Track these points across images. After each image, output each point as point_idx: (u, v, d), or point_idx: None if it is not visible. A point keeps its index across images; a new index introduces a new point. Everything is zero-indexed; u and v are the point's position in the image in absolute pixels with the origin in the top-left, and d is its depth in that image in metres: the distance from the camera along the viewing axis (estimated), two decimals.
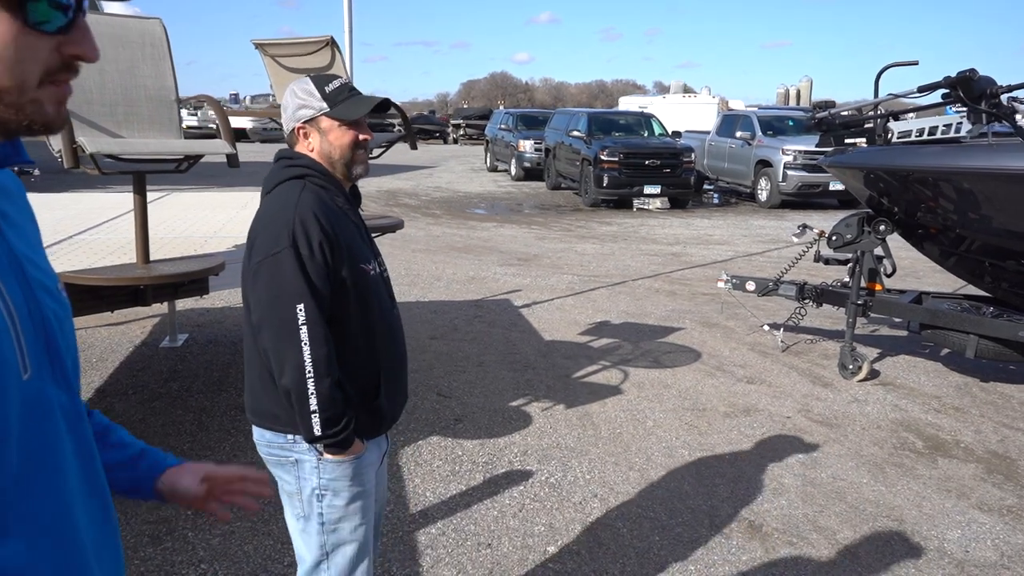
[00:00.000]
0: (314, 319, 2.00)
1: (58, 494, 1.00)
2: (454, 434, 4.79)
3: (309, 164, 2.15)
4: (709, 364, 6.28)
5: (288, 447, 2.14)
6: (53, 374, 1.01)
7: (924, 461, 4.59)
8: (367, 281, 2.15)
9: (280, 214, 2.04)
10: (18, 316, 0.97)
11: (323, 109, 2.13)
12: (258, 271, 2.04)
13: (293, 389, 2.00)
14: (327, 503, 2.15)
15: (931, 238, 6.08)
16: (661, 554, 3.55)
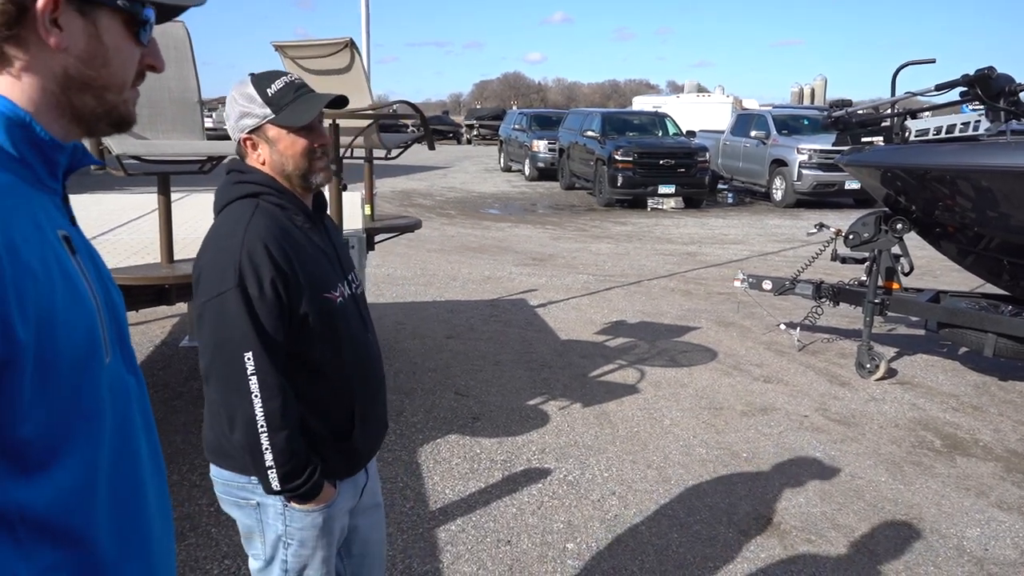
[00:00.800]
0: (264, 368, 1.79)
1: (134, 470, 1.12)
2: (472, 432, 4.83)
3: (262, 180, 1.92)
4: (726, 363, 6.29)
5: (250, 488, 1.95)
6: (124, 358, 1.12)
7: (942, 460, 4.58)
8: (332, 310, 1.93)
9: (227, 246, 1.82)
10: (102, 305, 1.06)
11: (267, 116, 1.88)
12: (202, 314, 1.83)
13: (245, 444, 1.82)
14: (292, 552, 1.98)
15: (949, 236, 6.06)
16: (680, 551, 3.56)
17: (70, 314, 0.99)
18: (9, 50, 0.98)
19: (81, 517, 1.04)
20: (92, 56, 1.03)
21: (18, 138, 1.00)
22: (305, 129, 1.91)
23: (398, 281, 9.08)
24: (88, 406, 1.04)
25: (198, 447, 4.46)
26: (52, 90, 1.02)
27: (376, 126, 4.90)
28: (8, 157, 0.99)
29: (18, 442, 0.94)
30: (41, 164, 1.04)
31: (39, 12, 0.97)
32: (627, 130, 18.30)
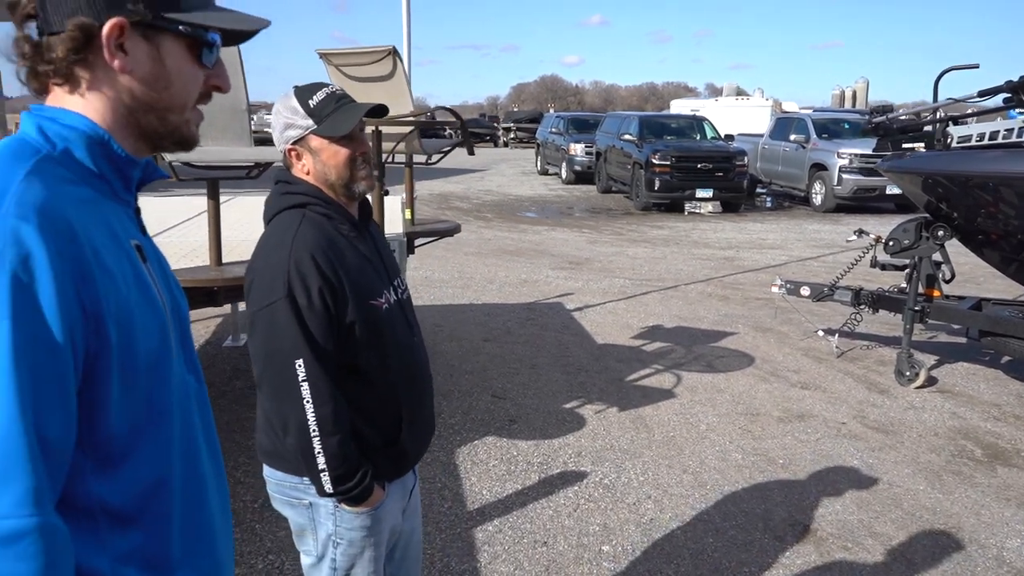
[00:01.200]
0: (315, 375, 1.85)
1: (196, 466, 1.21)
2: (509, 434, 4.88)
3: (308, 191, 1.97)
4: (763, 369, 6.28)
5: (302, 489, 2.01)
6: (187, 361, 1.21)
7: (983, 469, 4.54)
8: (379, 317, 1.98)
9: (276, 257, 1.88)
10: (169, 309, 1.16)
11: (310, 127, 1.93)
12: (254, 323, 1.89)
13: (298, 449, 1.88)
14: (341, 551, 2.03)
15: (991, 244, 5.99)
16: (715, 556, 3.59)
17: (144, 317, 1.08)
18: (79, 73, 1.07)
19: (155, 509, 1.13)
20: (155, 79, 1.11)
21: (97, 155, 1.09)
22: (346, 138, 1.95)
23: (436, 284, 9.17)
24: (160, 404, 1.12)
25: (242, 445, 4.58)
26: (121, 110, 1.10)
27: (417, 132, 4.99)
28: (88, 172, 1.08)
29: (104, 437, 1.03)
30: (117, 178, 1.13)
31: (105, 38, 1.05)
32: (665, 134, 18.25)
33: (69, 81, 1.08)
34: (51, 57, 1.06)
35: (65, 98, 1.09)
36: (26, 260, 0.93)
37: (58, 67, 1.06)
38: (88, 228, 1.02)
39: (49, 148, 1.05)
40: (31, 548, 0.90)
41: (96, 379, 1.00)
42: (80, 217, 1.01)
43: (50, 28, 1.06)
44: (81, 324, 0.97)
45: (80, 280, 0.97)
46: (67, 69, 1.06)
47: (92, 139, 1.08)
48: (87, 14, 1.04)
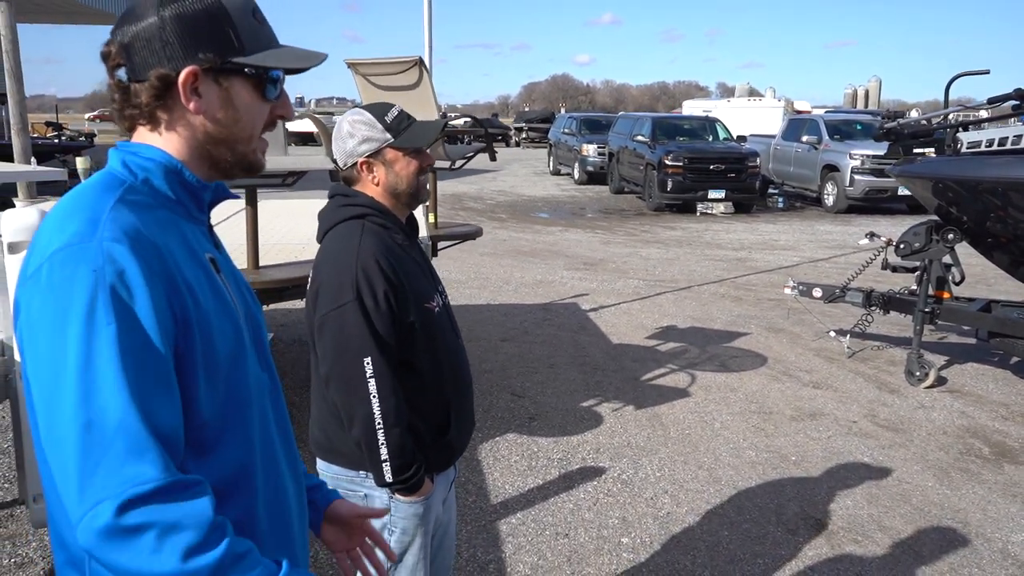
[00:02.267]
0: (381, 371, 2.00)
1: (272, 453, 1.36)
2: (529, 432, 5.05)
3: (367, 203, 2.12)
4: (775, 369, 6.42)
5: (358, 482, 2.15)
6: (260, 359, 1.37)
7: (990, 467, 4.67)
8: (432, 320, 2.14)
9: (343, 263, 2.03)
10: (243, 315, 1.31)
11: (388, 140, 2.09)
12: (324, 324, 2.03)
13: (364, 440, 2.01)
14: (395, 538, 2.16)
15: (1001, 247, 6.12)
16: (730, 548, 3.74)
17: (221, 322, 1.25)
18: (160, 114, 1.25)
19: (243, 489, 1.30)
20: (225, 116, 1.27)
21: (173, 182, 1.27)
22: (417, 152, 2.14)
23: (452, 284, 9.34)
24: (239, 398, 1.29)
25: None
26: (195, 144, 1.28)
27: (442, 139, 5.15)
28: (166, 198, 1.27)
29: (196, 425, 1.21)
30: (191, 201, 1.31)
31: (181, 85, 1.23)
32: (677, 135, 18.36)
33: (151, 121, 1.25)
34: (137, 102, 1.24)
35: (148, 135, 1.27)
36: (122, 275, 1.10)
37: (143, 111, 1.24)
38: (169, 246, 1.20)
39: (132, 179, 1.23)
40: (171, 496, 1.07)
41: (185, 376, 1.18)
42: (162, 237, 1.19)
43: (136, 76, 1.24)
44: (172, 327, 1.15)
45: (168, 290, 1.15)
46: (150, 112, 1.24)
47: (168, 169, 1.26)
48: (166, 66, 1.22)
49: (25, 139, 12.15)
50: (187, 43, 1.23)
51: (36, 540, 3.69)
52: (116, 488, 1.04)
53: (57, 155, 19.08)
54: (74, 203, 1.20)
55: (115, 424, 1.06)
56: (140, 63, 1.22)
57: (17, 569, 3.46)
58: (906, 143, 6.30)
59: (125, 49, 1.23)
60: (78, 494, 1.06)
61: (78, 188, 1.24)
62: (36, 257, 1.14)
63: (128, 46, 1.23)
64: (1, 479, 4.32)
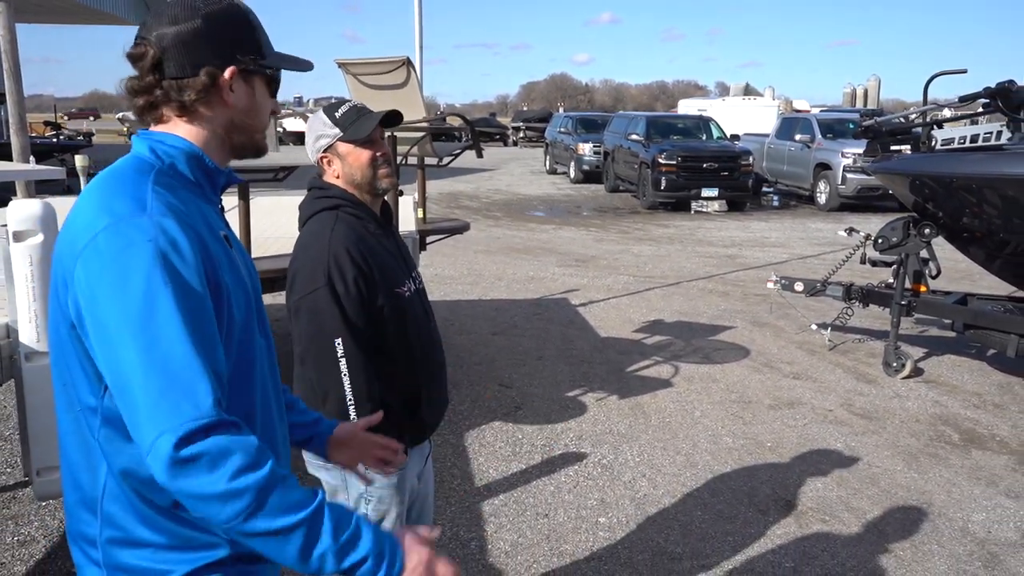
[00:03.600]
0: (352, 352, 2.14)
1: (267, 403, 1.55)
2: (515, 420, 5.21)
3: (340, 195, 2.27)
4: (757, 361, 6.59)
5: None
6: (261, 327, 1.55)
7: (958, 452, 4.84)
8: (402, 304, 2.28)
9: (315, 251, 2.18)
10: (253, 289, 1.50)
11: (337, 135, 2.25)
12: (299, 308, 2.18)
13: (336, 416, 2.10)
14: (372, 507, 2.31)
15: (976, 242, 6.28)
16: (702, 527, 3.91)
17: (237, 291, 1.44)
18: (200, 108, 1.44)
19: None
20: (250, 109, 1.49)
21: (194, 166, 1.46)
22: (367, 142, 2.27)
23: (446, 280, 9.51)
24: (248, 358, 1.48)
25: None
26: (219, 132, 1.49)
27: (429, 136, 5.32)
28: (188, 180, 1.45)
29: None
30: (208, 184, 1.50)
31: (223, 82, 1.44)
32: (671, 134, 18.53)
33: (187, 113, 1.44)
34: (181, 97, 1.42)
35: (174, 125, 1.45)
36: (173, 244, 1.29)
37: (187, 104, 1.42)
38: (197, 224, 1.39)
39: (160, 163, 1.42)
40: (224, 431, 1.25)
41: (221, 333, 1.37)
42: (192, 215, 1.38)
43: (183, 73, 1.42)
44: (209, 292, 1.33)
45: (205, 259, 1.34)
46: (192, 105, 1.42)
47: (190, 155, 1.45)
48: (213, 64, 1.42)
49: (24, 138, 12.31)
50: (228, 46, 1.44)
51: (38, 520, 3.86)
52: (177, 420, 1.21)
53: (55, 154, 19.22)
54: (114, 185, 1.37)
55: (177, 367, 1.24)
56: (187, 62, 1.41)
57: (20, 547, 3.63)
58: (884, 140, 6.46)
59: (167, 49, 1.41)
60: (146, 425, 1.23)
61: (111, 172, 1.41)
62: (84, 233, 1.31)
63: (171, 47, 1.41)
64: (3, 464, 4.49)
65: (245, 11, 1.49)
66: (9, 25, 12.24)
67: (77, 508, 1.43)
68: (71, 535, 1.46)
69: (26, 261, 2.67)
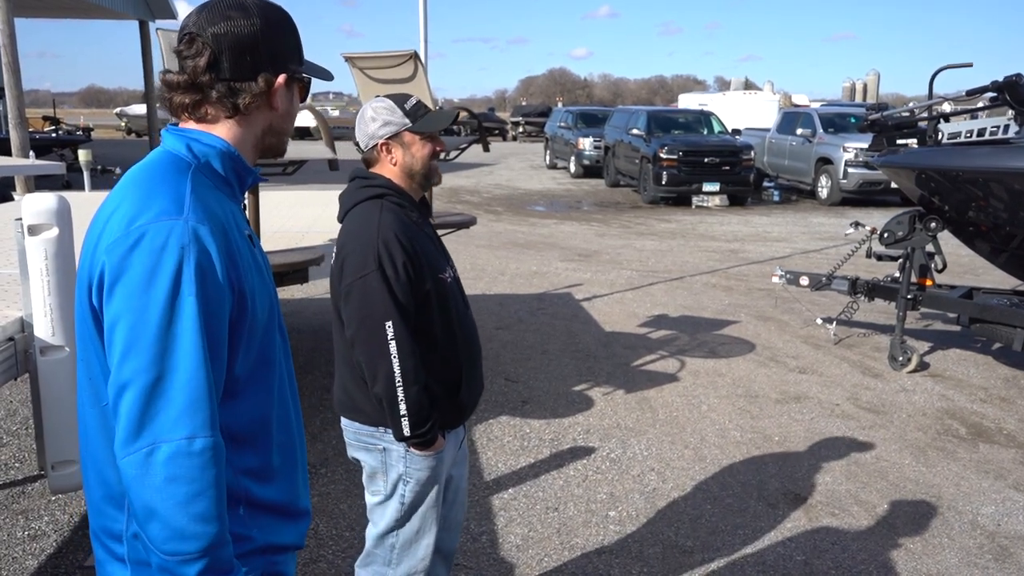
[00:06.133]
0: (401, 334, 2.22)
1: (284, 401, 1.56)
2: (522, 414, 5.21)
3: (385, 184, 2.36)
4: (763, 355, 6.59)
5: (378, 436, 2.39)
6: (280, 326, 1.53)
7: (966, 446, 4.85)
8: (445, 290, 2.38)
9: (365, 237, 2.25)
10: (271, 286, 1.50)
11: (406, 124, 2.34)
12: (349, 292, 2.26)
13: (385, 397, 2.24)
14: (410, 488, 2.39)
15: (982, 235, 6.29)
16: (712, 520, 3.91)
17: (260, 292, 1.44)
18: (254, 111, 1.45)
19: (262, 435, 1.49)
20: (288, 113, 1.52)
21: (228, 166, 1.47)
22: (431, 137, 2.38)
23: None
24: (267, 358, 1.48)
25: None
26: (257, 135, 1.50)
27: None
28: (221, 179, 1.45)
29: (232, 379, 1.38)
30: (237, 183, 1.49)
31: (275, 88, 1.46)
32: (672, 128, 18.50)
33: (237, 115, 1.44)
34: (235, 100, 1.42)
35: (221, 125, 1.45)
36: (204, 253, 1.29)
37: (240, 106, 1.43)
38: (229, 224, 1.40)
39: (196, 162, 1.42)
40: (211, 457, 1.28)
41: (232, 339, 1.37)
42: (224, 216, 1.39)
43: (232, 76, 1.42)
44: (231, 300, 1.35)
45: (231, 267, 1.34)
46: (247, 109, 1.43)
47: (226, 155, 1.46)
48: (269, 70, 1.44)
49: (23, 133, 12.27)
50: (282, 52, 1.46)
51: (48, 515, 3.86)
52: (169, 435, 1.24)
53: (55, 149, 19.18)
54: (152, 181, 1.37)
55: (183, 382, 1.25)
56: (245, 65, 1.42)
57: (31, 541, 3.63)
58: (890, 134, 6.46)
59: (225, 50, 1.40)
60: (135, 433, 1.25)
61: (148, 167, 1.41)
62: (117, 228, 1.31)
63: (230, 48, 1.40)
64: (12, 459, 4.49)
65: (291, 18, 1.51)
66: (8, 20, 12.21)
67: (103, 504, 1.43)
68: (94, 531, 1.46)
69: (41, 255, 2.67)
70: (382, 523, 2.48)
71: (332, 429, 4.85)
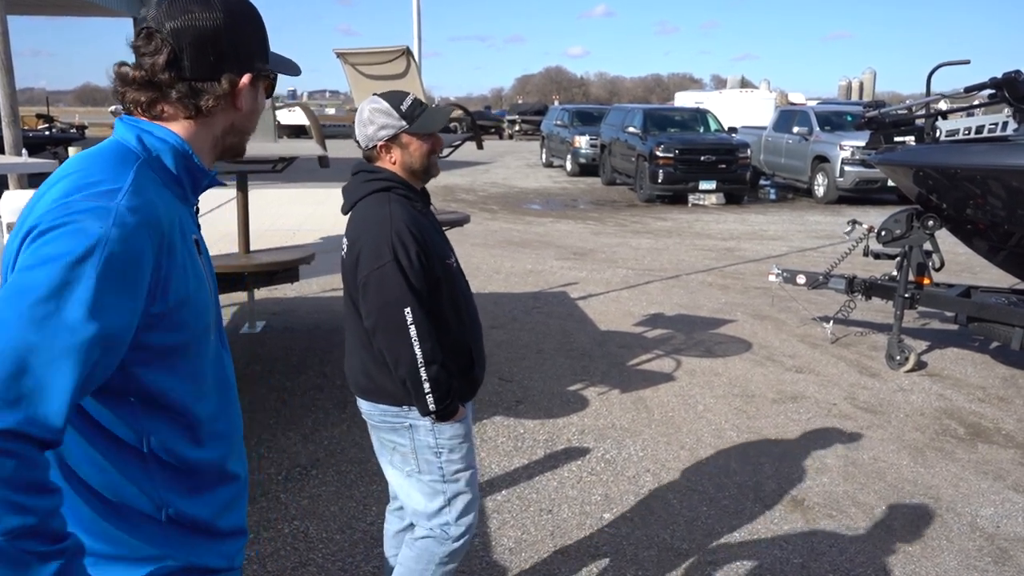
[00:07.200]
0: (419, 319, 2.34)
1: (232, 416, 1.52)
2: (516, 414, 5.16)
3: (390, 177, 2.45)
4: (759, 354, 6.54)
5: (403, 415, 2.50)
6: (220, 337, 1.50)
7: (964, 446, 4.80)
8: (452, 274, 2.51)
9: (378, 229, 2.35)
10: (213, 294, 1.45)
11: (403, 127, 2.41)
12: (367, 283, 2.36)
13: (409, 378, 2.36)
14: (445, 459, 2.53)
15: (979, 233, 6.24)
16: (708, 523, 3.86)
17: (197, 300, 1.37)
18: (216, 112, 1.38)
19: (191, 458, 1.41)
20: (252, 112, 1.45)
21: (180, 164, 1.38)
22: (429, 135, 2.46)
23: None
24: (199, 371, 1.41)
25: (263, 423, 4.87)
26: (216, 135, 1.42)
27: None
28: (171, 177, 1.38)
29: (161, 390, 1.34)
30: (190, 184, 1.42)
31: (240, 88, 1.39)
32: (668, 126, 18.45)
33: (198, 115, 1.36)
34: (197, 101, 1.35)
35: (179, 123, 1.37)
36: (123, 242, 1.19)
37: (204, 108, 1.35)
38: (171, 225, 1.31)
39: (146, 155, 1.33)
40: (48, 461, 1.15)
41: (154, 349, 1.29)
42: (166, 215, 1.30)
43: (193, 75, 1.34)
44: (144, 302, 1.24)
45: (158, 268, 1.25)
46: (208, 109, 1.36)
47: (179, 152, 1.37)
48: (233, 70, 1.37)
49: (16, 131, 12.19)
50: (246, 51, 1.39)
51: None
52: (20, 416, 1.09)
53: (48, 147, 19.08)
54: (94, 166, 1.28)
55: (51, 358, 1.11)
56: (207, 64, 1.33)
57: None
58: (887, 131, 6.41)
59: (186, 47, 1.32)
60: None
61: (93, 154, 1.32)
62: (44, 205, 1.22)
63: (191, 46, 1.32)
64: None
65: (257, 11, 1.44)
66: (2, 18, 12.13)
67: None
68: None
69: None
70: (429, 499, 2.57)
71: (324, 430, 4.79)
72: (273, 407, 5.18)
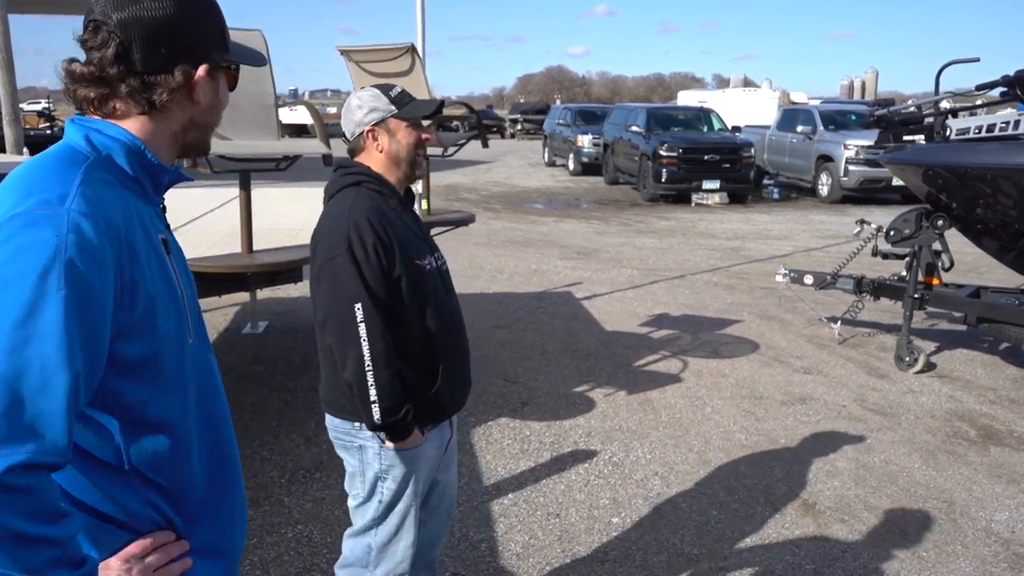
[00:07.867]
0: (371, 317, 2.16)
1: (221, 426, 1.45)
2: (522, 416, 5.09)
3: (363, 171, 2.33)
4: (767, 355, 6.47)
5: (354, 433, 2.33)
6: (202, 341, 1.43)
7: (976, 449, 4.73)
8: (423, 276, 2.30)
9: (337, 220, 2.22)
10: (187, 295, 1.37)
11: (392, 111, 2.32)
12: (320, 274, 2.23)
13: (354, 381, 2.16)
14: (386, 486, 2.33)
15: (990, 233, 6.17)
16: (718, 527, 3.79)
17: (165, 303, 1.30)
18: (171, 106, 1.31)
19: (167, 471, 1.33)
20: (212, 106, 1.37)
21: (134, 162, 1.31)
22: (417, 124, 2.36)
23: None
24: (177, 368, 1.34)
25: (265, 425, 4.81)
26: (175, 130, 1.35)
27: (435, 125, 5.18)
28: (126, 176, 1.30)
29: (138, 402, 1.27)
30: (149, 182, 1.35)
31: (196, 80, 1.31)
32: (672, 125, 18.38)
33: (152, 111, 1.29)
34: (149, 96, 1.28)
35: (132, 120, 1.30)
36: (83, 247, 1.13)
37: (158, 103, 1.28)
38: (129, 226, 1.24)
39: (95, 155, 1.26)
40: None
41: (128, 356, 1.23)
42: (123, 216, 1.23)
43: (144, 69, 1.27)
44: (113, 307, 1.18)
45: (120, 271, 1.19)
46: (163, 104, 1.29)
47: (130, 149, 1.30)
48: (187, 62, 1.29)
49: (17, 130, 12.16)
50: (201, 41, 1.31)
51: None
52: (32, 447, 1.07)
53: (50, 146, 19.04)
54: (39, 173, 1.21)
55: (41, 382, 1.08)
56: (158, 57, 1.26)
57: None
58: (896, 130, 6.34)
59: (135, 40, 1.25)
60: None
61: (39, 160, 1.26)
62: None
63: (140, 38, 1.25)
64: None
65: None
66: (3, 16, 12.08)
67: None
68: None
69: None
70: (360, 523, 2.42)
71: (327, 432, 4.72)
72: (275, 408, 5.12)
